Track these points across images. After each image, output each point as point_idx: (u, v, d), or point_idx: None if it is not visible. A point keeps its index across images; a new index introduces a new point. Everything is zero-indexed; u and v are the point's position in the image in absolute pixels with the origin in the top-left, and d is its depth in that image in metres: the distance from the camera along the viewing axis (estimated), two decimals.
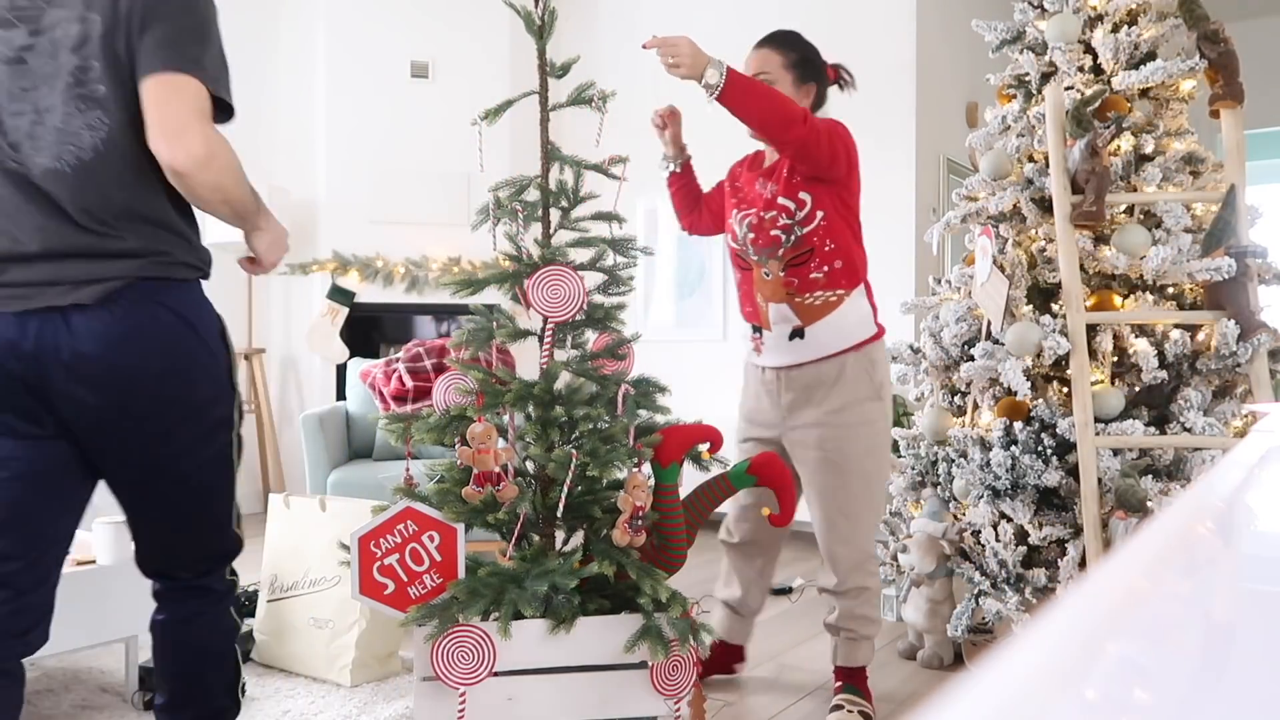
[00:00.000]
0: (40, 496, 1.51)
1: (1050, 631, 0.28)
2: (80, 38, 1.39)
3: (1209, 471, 0.67)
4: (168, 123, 1.38)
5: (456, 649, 1.67)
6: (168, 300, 1.48)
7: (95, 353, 1.37)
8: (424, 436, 1.82)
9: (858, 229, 2.12)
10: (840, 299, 2.08)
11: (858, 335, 2.11)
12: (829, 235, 2.06)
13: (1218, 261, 2.38)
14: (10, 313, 1.36)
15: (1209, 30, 2.55)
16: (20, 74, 1.39)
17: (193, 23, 1.43)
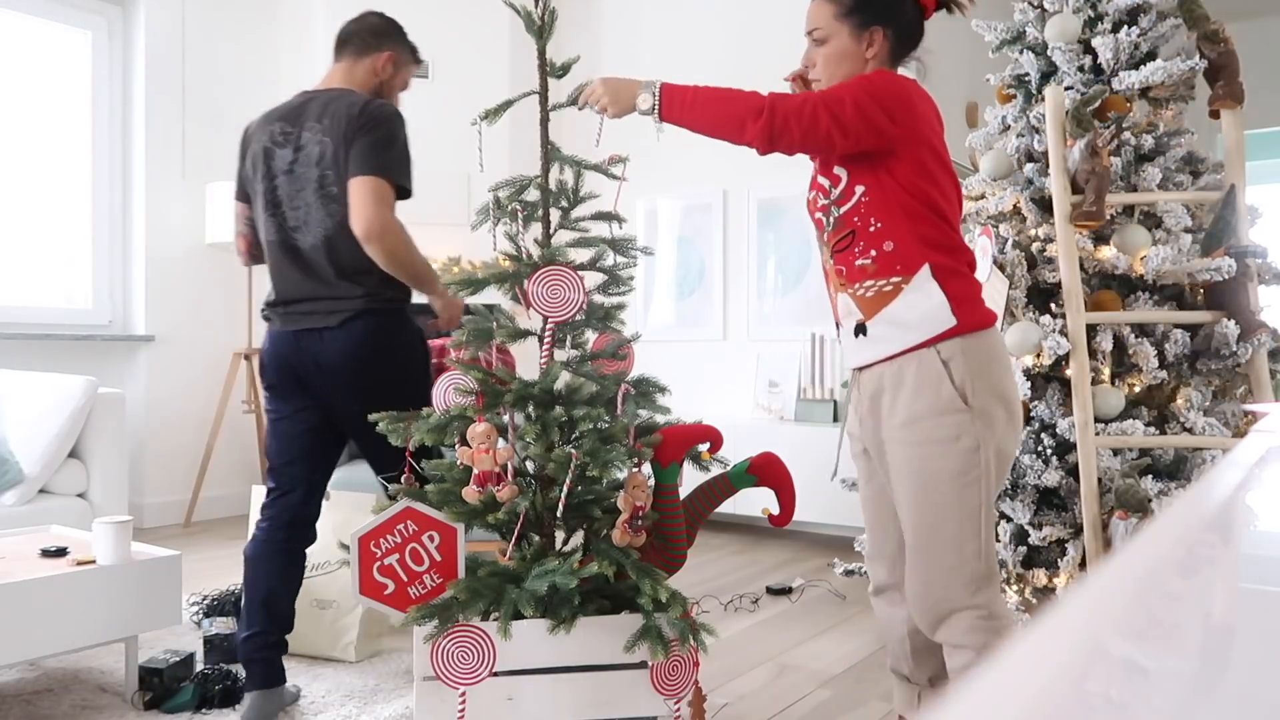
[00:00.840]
0: (317, 440, 2.25)
1: (1050, 631, 0.28)
2: (320, 154, 2.18)
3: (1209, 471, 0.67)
4: (356, 209, 2.14)
5: (456, 649, 1.67)
6: (380, 321, 2.19)
7: (336, 357, 2.15)
8: (424, 436, 1.82)
9: (920, 203, 1.68)
10: (896, 288, 1.69)
11: (926, 330, 1.66)
12: (873, 214, 1.70)
13: (1218, 261, 2.38)
14: (289, 330, 2.19)
15: (1209, 30, 2.55)
16: (292, 181, 2.19)
17: (381, 135, 2.17)
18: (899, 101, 1.64)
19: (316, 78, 4.86)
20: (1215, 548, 0.49)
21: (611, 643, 1.74)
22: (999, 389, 1.66)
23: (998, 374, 1.67)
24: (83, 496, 3.22)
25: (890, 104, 1.63)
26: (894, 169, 1.67)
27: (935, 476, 1.65)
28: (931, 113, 1.70)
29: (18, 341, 4.10)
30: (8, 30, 4.23)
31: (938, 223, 1.68)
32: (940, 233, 1.68)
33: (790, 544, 4.25)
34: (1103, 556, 2.32)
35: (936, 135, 1.69)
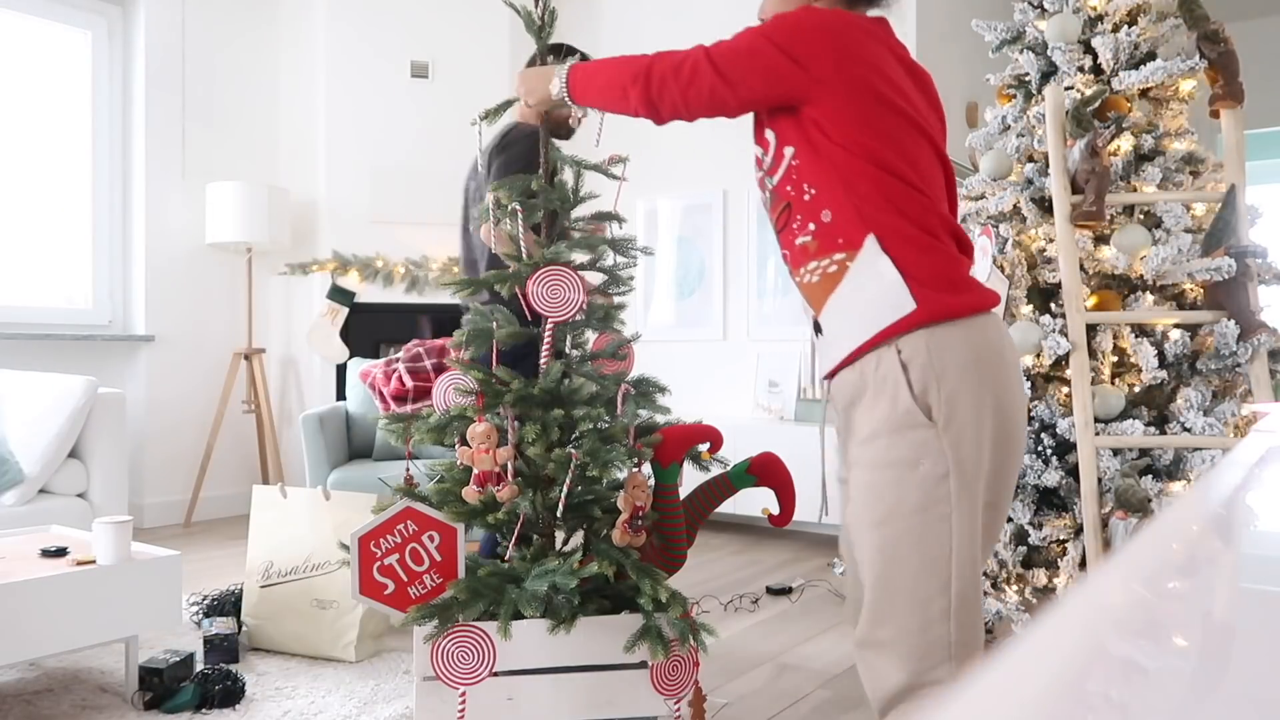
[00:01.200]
0: None
1: (1050, 631, 0.28)
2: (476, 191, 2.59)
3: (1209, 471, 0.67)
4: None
5: (456, 649, 1.67)
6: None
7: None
8: (424, 436, 1.82)
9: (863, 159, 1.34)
10: (842, 267, 1.34)
11: (880, 319, 1.30)
12: (806, 179, 1.37)
13: (1218, 261, 2.38)
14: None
15: (1209, 30, 2.55)
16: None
17: (507, 157, 2.39)
18: (809, 39, 1.33)
19: (316, 77, 4.86)
20: (1215, 548, 0.49)
21: (611, 643, 1.74)
22: (983, 396, 1.27)
23: (983, 377, 1.27)
24: (83, 496, 3.22)
25: (794, 44, 1.33)
26: (822, 123, 1.34)
27: (890, 511, 1.28)
28: (875, 50, 1.36)
29: (18, 341, 4.10)
30: (8, 30, 4.23)
31: (889, 181, 1.33)
32: (892, 193, 1.33)
33: (790, 544, 4.25)
34: (1103, 556, 2.32)
35: (883, 77, 1.35)
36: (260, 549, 2.66)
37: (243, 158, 4.91)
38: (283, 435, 4.94)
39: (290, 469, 4.88)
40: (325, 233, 4.82)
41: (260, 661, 2.54)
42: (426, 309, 4.95)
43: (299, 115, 4.97)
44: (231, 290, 4.85)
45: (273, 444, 4.68)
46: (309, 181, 4.90)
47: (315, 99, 4.86)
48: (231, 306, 4.86)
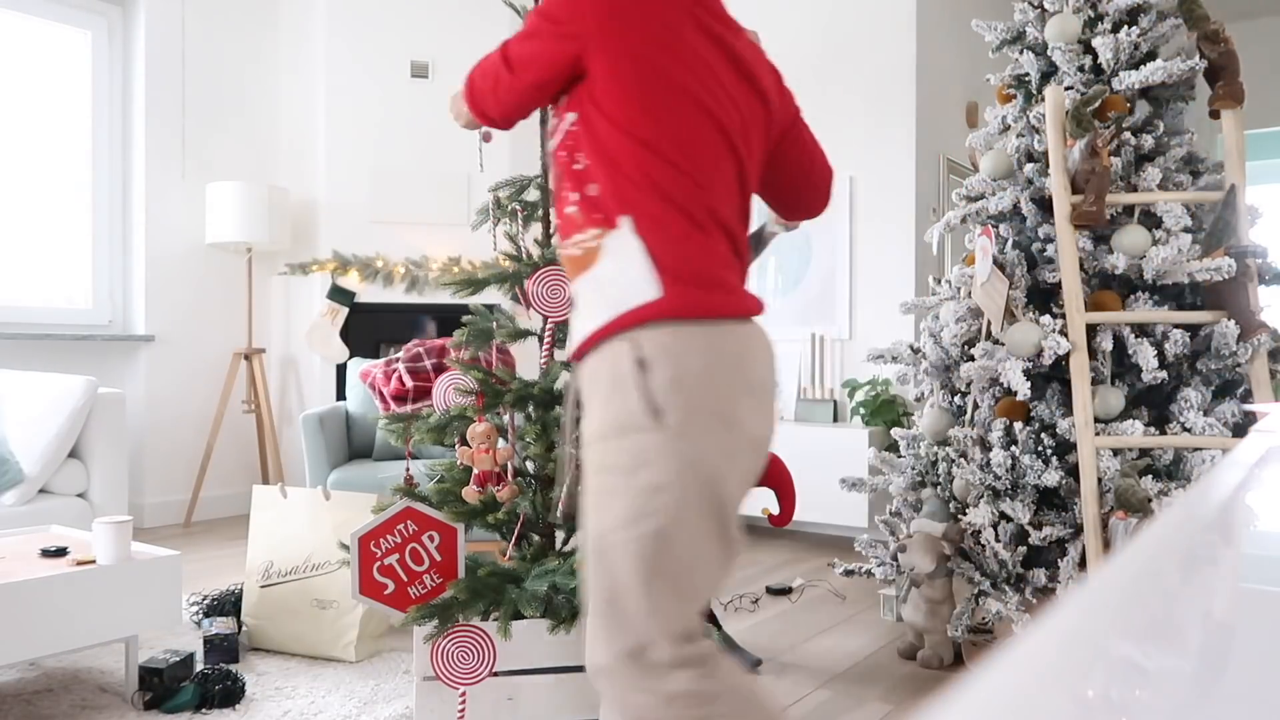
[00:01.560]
0: None
1: (1050, 631, 0.28)
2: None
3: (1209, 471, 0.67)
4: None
5: (456, 649, 1.67)
6: None
7: None
8: (424, 436, 1.82)
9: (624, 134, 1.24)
10: (599, 244, 1.23)
11: (622, 304, 1.18)
12: (580, 146, 1.28)
13: (1218, 261, 2.38)
14: None
15: (1209, 30, 2.55)
16: None
17: None
18: (574, 3, 1.28)
19: (316, 77, 4.86)
20: (1215, 548, 0.49)
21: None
22: (716, 405, 1.14)
23: (718, 383, 1.15)
24: (83, 496, 3.22)
25: (559, 9, 1.29)
26: (595, 93, 1.26)
27: (602, 521, 1.16)
28: (663, 20, 1.25)
29: (18, 341, 4.10)
30: (8, 30, 4.23)
31: (654, 163, 1.21)
32: (656, 175, 1.21)
33: (790, 544, 4.25)
34: (1103, 556, 2.32)
35: (666, 49, 1.24)
36: (260, 549, 2.66)
37: (243, 158, 4.91)
38: (283, 435, 4.94)
39: (290, 469, 4.88)
40: (325, 233, 4.82)
41: (260, 661, 2.54)
42: (426, 309, 4.95)
43: (299, 115, 4.97)
44: (231, 290, 4.85)
45: (273, 444, 4.68)
46: (309, 181, 4.90)
47: (315, 99, 4.86)
48: (231, 306, 4.86)
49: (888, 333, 4.31)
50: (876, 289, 4.35)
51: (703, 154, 1.23)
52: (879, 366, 4.28)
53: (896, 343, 2.94)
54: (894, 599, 3.01)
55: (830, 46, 4.48)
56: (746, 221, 1.30)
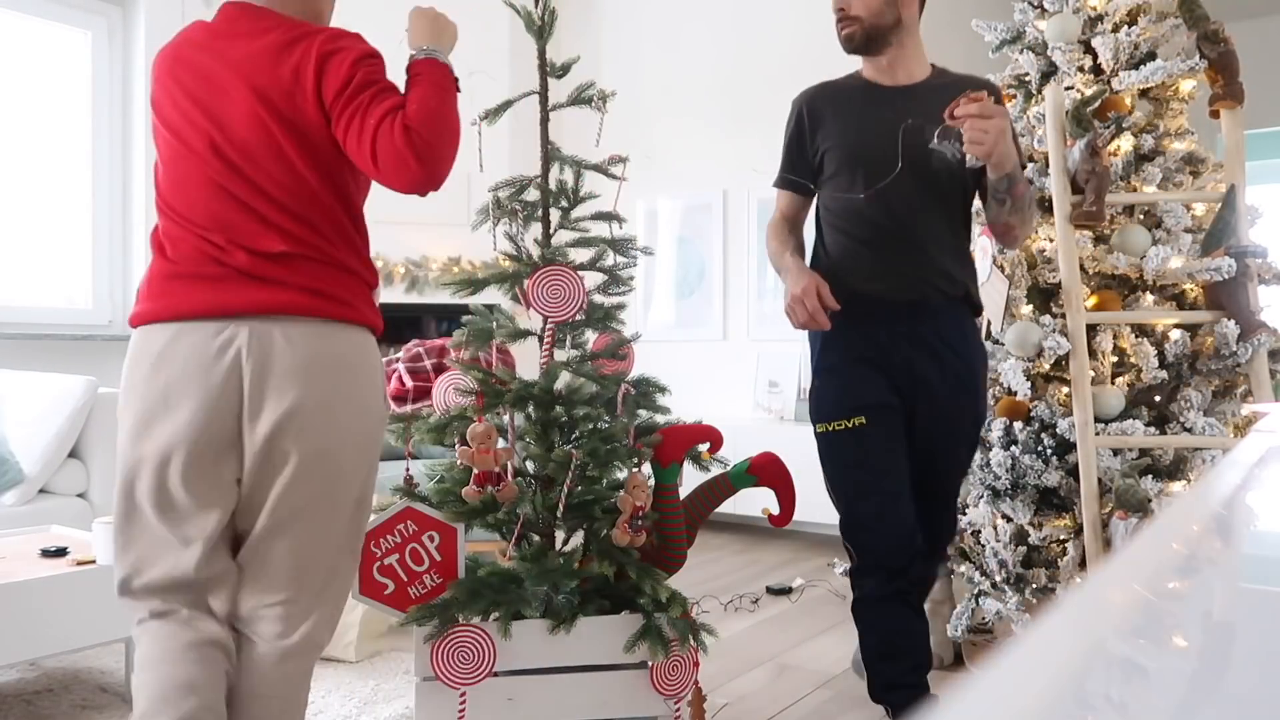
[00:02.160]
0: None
1: (1050, 631, 0.28)
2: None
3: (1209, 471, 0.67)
4: None
5: (456, 649, 1.67)
6: None
7: None
8: (424, 436, 1.82)
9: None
10: None
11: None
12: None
13: (1218, 261, 2.38)
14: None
15: (1209, 30, 2.55)
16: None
17: None
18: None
19: None
20: (1215, 548, 0.49)
21: (611, 643, 1.74)
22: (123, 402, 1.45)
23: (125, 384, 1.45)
24: (83, 496, 3.22)
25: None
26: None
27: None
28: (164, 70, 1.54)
29: (18, 341, 4.10)
30: (8, 30, 4.23)
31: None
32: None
33: (790, 544, 4.25)
34: (1103, 556, 2.32)
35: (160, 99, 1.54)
36: None
37: None
38: None
39: None
40: None
41: None
42: (426, 309, 4.95)
43: None
44: None
45: None
46: None
47: None
48: None
49: None
50: None
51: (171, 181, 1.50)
52: None
53: None
54: None
55: (830, 46, 4.47)
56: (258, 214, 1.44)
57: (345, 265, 1.46)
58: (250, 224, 1.41)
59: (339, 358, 1.43)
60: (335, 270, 1.45)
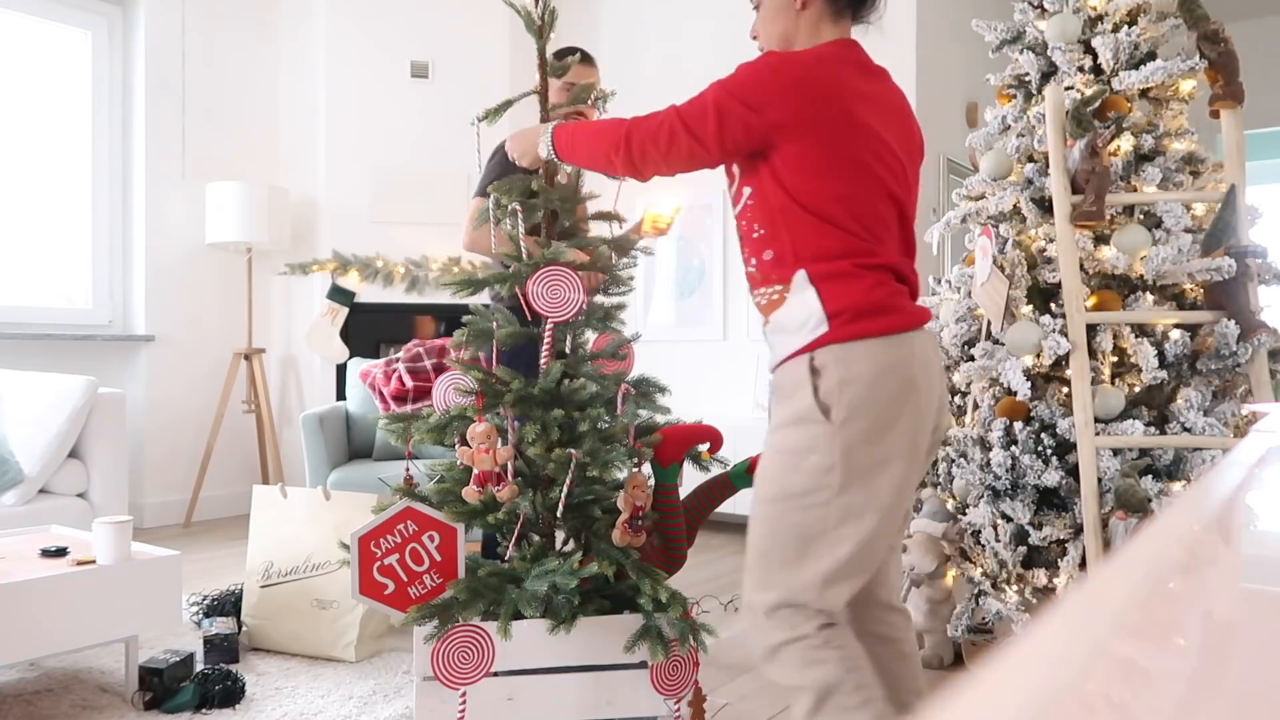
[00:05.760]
0: None
1: (1050, 631, 0.28)
2: None
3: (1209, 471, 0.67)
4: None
5: (456, 649, 1.67)
6: None
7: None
8: (424, 436, 1.82)
9: (801, 206, 1.50)
10: (781, 295, 1.54)
11: (804, 336, 1.49)
12: (757, 219, 1.55)
13: (1218, 261, 2.38)
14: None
15: (1209, 30, 2.55)
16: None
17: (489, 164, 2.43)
18: (766, 88, 1.46)
19: (316, 77, 4.86)
20: (1215, 548, 0.49)
21: (611, 643, 1.74)
22: (877, 404, 1.43)
23: (880, 388, 1.43)
24: (83, 496, 3.22)
25: (754, 94, 1.47)
26: (776, 167, 1.50)
27: (778, 489, 1.47)
28: (837, 86, 1.47)
29: (18, 341, 4.10)
30: (8, 30, 4.23)
31: (821, 227, 1.48)
32: (823, 236, 1.48)
33: None
34: (1103, 556, 2.32)
35: (831, 117, 1.46)
36: (260, 549, 2.66)
37: (243, 158, 4.91)
38: (283, 435, 4.94)
39: (290, 469, 4.88)
40: (325, 233, 4.82)
41: (260, 661, 2.54)
42: (426, 309, 4.95)
43: (299, 115, 4.97)
44: (231, 290, 4.85)
45: (273, 444, 4.68)
46: (309, 181, 4.90)
47: (315, 99, 4.87)
48: (231, 306, 4.86)
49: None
50: None
51: (863, 209, 1.49)
52: None
53: None
54: None
55: None
56: (911, 250, 1.60)
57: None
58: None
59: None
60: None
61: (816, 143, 1.46)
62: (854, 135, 1.47)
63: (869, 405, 1.42)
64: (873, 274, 1.47)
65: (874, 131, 1.49)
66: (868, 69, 1.55)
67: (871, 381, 1.43)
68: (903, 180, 1.55)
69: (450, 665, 1.66)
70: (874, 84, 1.54)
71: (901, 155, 1.55)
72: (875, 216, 1.50)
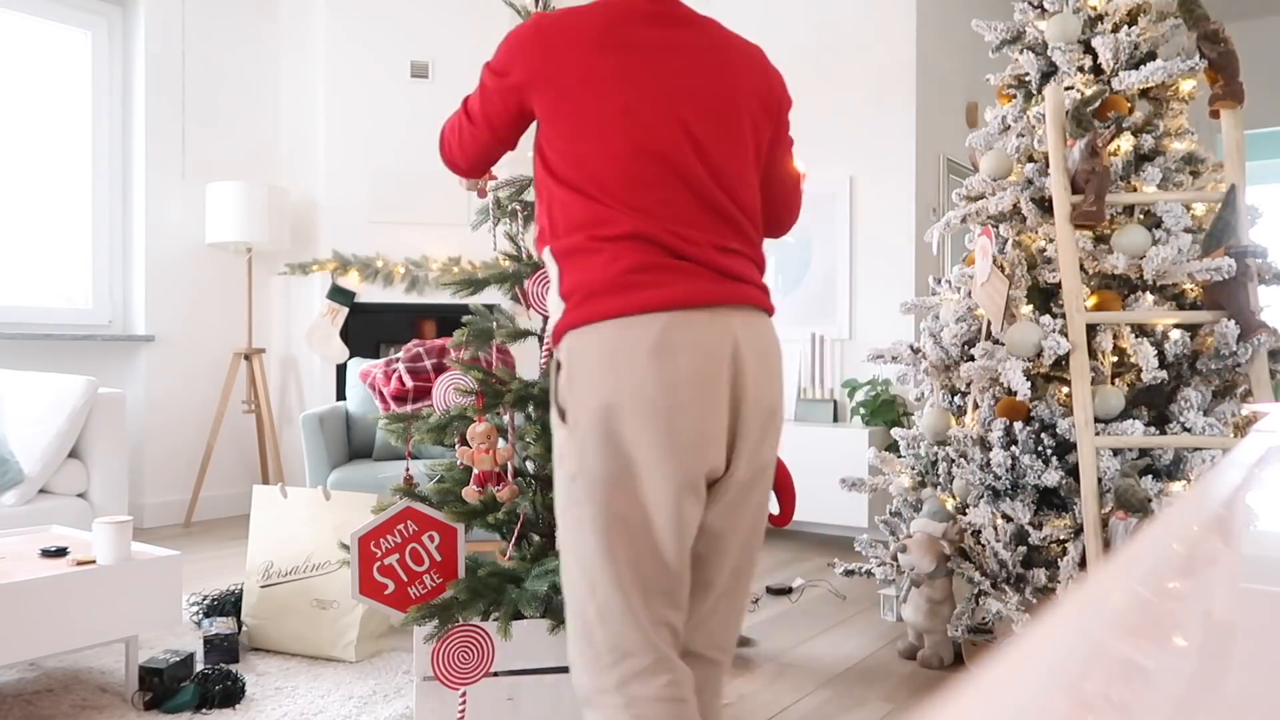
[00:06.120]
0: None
1: (1050, 631, 0.28)
2: None
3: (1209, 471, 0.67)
4: None
5: (456, 649, 1.67)
6: None
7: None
8: (424, 436, 1.82)
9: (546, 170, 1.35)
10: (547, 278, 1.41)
11: (551, 324, 1.32)
12: (538, 186, 1.40)
13: (1218, 261, 2.38)
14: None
15: (1209, 30, 2.55)
16: None
17: None
18: (508, 52, 1.36)
19: (316, 78, 4.86)
20: (1215, 548, 0.49)
21: None
22: (592, 398, 1.22)
23: (595, 378, 1.22)
24: (83, 496, 3.22)
25: (499, 61, 1.38)
26: (538, 135, 1.38)
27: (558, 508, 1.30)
28: (562, 41, 1.32)
29: (18, 341, 4.10)
30: (8, 30, 4.23)
31: (568, 195, 1.30)
32: (569, 209, 1.30)
33: (790, 544, 4.25)
34: (1103, 556, 2.32)
35: (567, 71, 1.31)
36: (260, 549, 2.66)
37: (243, 158, 4.91)
38: (283, 435, 4.94)
39: (290, 469, 4.88)
40: (325, 233, 4.82)
41: (260, 661, 2.54)
42: (426, 309, 4.95)
43: (299, 115, 4.97)
44: (231, 290, 4.85)
45: (273, 444, 4.68)
46: (309, 181, 4.90)
47: (315, 99, 4.87)
48: (231, 306, 4.86)
49: (888, 333, 4.31)
50: (876, 289, 4.35)
51: (616, 178, 1.28)
52: (879, 366, 4.28)
53: (896, 343, 2.94)
54: (894, 599, 3.01)
55: (830, 46, 4.47)
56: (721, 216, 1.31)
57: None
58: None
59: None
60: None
61: (555, 100, 1.31)
62: (596, 89, 1.29)
63: (596, 402, 1.21)
64: (611, 246, 1.25)
65: (631, 83, 1.29)
66: (660, 17, 1.35)
67: (599, 374, 1.20)
68: (680, 135, 1.29)
69: (450, 665, 1.66)
70: (664, 32, 1.34)
71: (692, 107, 1.31)
72: (624, 179, 1.27)
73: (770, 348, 1.29)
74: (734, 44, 1.38)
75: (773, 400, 1.28)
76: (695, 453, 1.21)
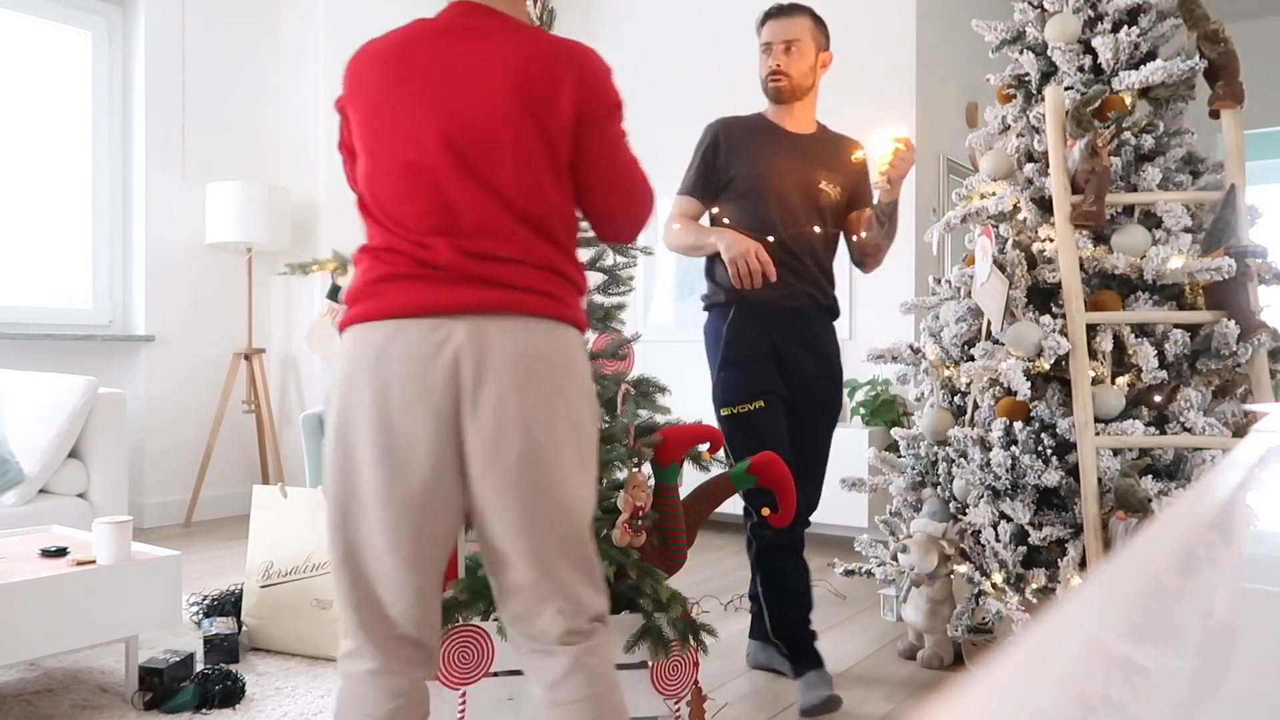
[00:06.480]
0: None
1: (1050, 631, 0.28)
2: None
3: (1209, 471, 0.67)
4: None
5: (456, 649, 1.67)
6: None
7: None
8: None
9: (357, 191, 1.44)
10: None
11: None
12: None
13: (1218, 261, 2.38)
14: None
15: (1209, 30, 2.55)
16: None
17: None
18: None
19: (316, 77, 4.86)
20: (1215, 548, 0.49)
21: (611, 643, 1.73)
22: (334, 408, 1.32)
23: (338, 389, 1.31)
24: (83, 496, 3.22)
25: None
26: None
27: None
28: (356, 63, 1.38)
29: (18, 341, 4.10)
30: (8, 30, 4.23)
31: (359, 206, 1.38)
32: (363, 219, 1.38)
33: None
34: (1103, 556, 2.32)
35: (357, 92, 1.37)
36: (260, 549, 2.66)
37: (243, 158, 4.91)
38: (283, 435, 4.94)
39: (290, 469, 4.88)
40: (325, 233, 4.82)
41: (260, 661, 2.54)
42: None
43: (299, 115, 4.97)
44: (231, 290, 4.85)
45: (273, 444, 4.68)
46: (309, 181, 4.90)
47: (315, 99, 4.87)
48: (231, 306, 4.86)
49: (888, 333, 4.31)
50: (876, 289, 4.35)
51: (383, 192, 1.33)
52: (879, 366, 4.28)
53: (896, 343, 2.94)
54: (894, 599, 3.01)
55: (830, 46, 4.47)
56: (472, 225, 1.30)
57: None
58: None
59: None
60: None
61: (355, 120, 1.37)
62: (375, 108, 1.34)
63: (334, 409, 1.30)
64: (369, 257, 1.33)
65: (403, 100, 1.31)
66: (461, 30, 1.34)
67: (338, 381, 1.31)
68: (440, 148, 1.29)
69: (450, 665, 1.66)
70: (456, 46, 1.33)
71: (456, 120, 1.30)
72: (391, 193, 1.31)
73: (536, 351, 1.27)
74: (537, 51, 1.33)
75: (534, 404, 1.25)
76: (407, 461, 1.25)
